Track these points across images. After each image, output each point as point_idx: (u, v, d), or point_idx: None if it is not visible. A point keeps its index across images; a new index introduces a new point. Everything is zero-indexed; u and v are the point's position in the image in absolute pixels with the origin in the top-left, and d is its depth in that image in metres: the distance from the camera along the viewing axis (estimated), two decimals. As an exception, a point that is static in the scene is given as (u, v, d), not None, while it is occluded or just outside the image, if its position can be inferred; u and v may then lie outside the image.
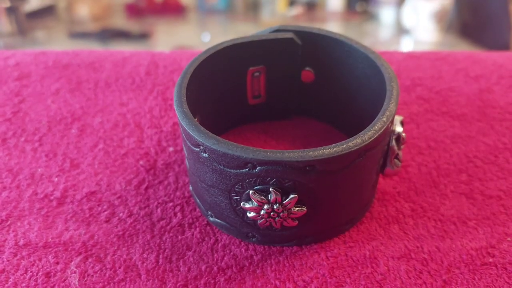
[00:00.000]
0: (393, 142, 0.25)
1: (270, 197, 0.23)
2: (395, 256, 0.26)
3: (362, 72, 0.28)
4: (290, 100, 0.32)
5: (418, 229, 0.27)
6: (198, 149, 0.24)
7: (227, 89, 0.30)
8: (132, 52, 0.40)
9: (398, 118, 0.26)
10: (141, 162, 0.31)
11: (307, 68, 0.31)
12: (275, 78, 0.31)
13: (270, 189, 0.23)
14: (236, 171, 0.23)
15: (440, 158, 0.31)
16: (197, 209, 0.28)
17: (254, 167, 0.22)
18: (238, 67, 0.29)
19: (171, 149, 0.32)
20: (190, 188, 0.28)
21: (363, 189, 0.26)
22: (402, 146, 0.26)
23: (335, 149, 0.22)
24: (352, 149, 0.22)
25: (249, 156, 0.22)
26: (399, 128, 0.26)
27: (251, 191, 0.23)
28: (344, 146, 0.22)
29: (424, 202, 0.28)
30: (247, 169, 0.22)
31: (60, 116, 0.34)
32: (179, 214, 0.28)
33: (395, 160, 0.26)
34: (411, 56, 0.39)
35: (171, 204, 0.28)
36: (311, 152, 0.22)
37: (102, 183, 0.29)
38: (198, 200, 0.27)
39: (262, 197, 0.23)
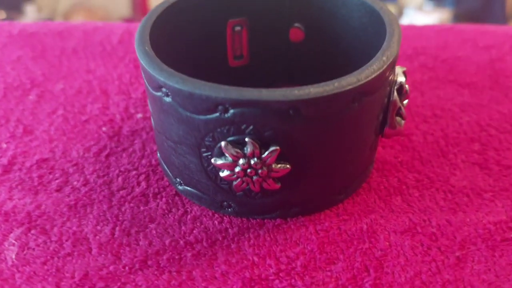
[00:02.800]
0: (395, 94, 0.22)
1: (247, 150, 0.19)
2: (398, 230, 0.21)
3: (359, 21, 0.25)
4: (276, 62, 0.28)
5: (424, 201, 0.23)
6: (160, 94, 0.20)
7: (203, 44, 0.26)
8: (106, 23, 0.36)
9: (400, 69, 0.22)
10: (103, 129, 0.27)
11: (296, 25, 0.27)
12: (259, 35, 0.27)
13: (246, 139, 0.19)
14: (205, 117, 0.19)
15: (448, 127, 0.27)
16: (165, 179, 0.24)
17: (226, 110, 0.18)
18: (216, 17, 0.26)
19: (139, 115, 0.28)
20: (158, 155, 0.24)
21: (360, 149, 0.21)
22: (405, 102, 0.22)
23: (324, 88, 0.18)
24: (345, 89, 0.18)
25: (220, 96, 0.18)
26: (401, 78, 0.22)
27: (223, 143, 0.19)
28: (335, 85, 0.18)
29: (431, 172, 0.24)
30: (217, 114, 0.18)
31: (18, 82, 0.30)
32: (143, 183, 0.24)
33: (397, 118, 0.22)
34: (412, 27, 0.35)
35: (134, 172, 0.24)
36: (296, 91, 0.18)
37: (57, 150, 0.25)
38: (165, 167, 0.23)
39: (237, 149, 0.19)
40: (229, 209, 0.22)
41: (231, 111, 0.18)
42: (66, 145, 0.26)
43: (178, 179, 0.23)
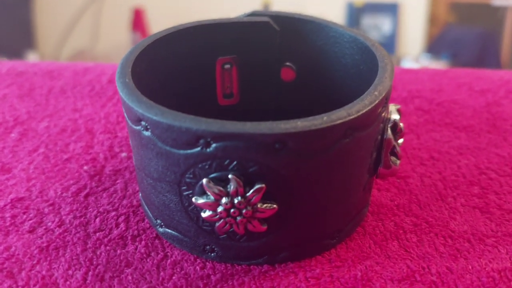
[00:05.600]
0: (389, 132, 0.21)
1: (230, 188, 0.18)
2: (395, 278, 0.20)
3: (351, 59, 0.24)
4: (268, 101, 0.28)
5: (423, 247, 0.21)
6: (139, 127, 0.18)
7: (191, 83, 0.26)
8: (98, 63, 0.36)
9: (393, 106, 0.21)
10: (85, 168, 0.25)
11: (287, 64, 0.27)
12: (249, 73, 0.26)
13: (230, 176, 0.18)
14: (185, 152, 0.18)
15: (446, 170, 0.26)
16: (146, 220, 0.23)
17: (208, 144, 0.17)
18: (205, 54, 0.25)
19: (123, 154, 0.27)
20: (140, 195, 0.23)
21: (352, 189, 0.20)
22: (400, 141, 0.21)
23: (313, 121, 0.17)
24: (335, 123, 0.17)
25: (200, 128, 0.17)
26: (395, 116, 0.21)
27: (205, 180, 0.18)
28: (324, 119, 0.17)
29: (430, 216, 0.23)
30: (199, 148, 0.17)
31: (0, 120, 0.29)
32: (122, 225, 0.22)
33: (392, 158, 0.21)
34: (407, 71, 0.35)
35: (114, 213, 0.23)
36: (282, 124, 0.17)
37: (34, 189, 0.24)
38: (146, 207, 0.22)
39: (220, 187, 0.18)
40: (212, 254, 0.20)
41: (213, 145, 0.17)
42: (44, 184, 0.24)
43: (158, 220, 0.21)
